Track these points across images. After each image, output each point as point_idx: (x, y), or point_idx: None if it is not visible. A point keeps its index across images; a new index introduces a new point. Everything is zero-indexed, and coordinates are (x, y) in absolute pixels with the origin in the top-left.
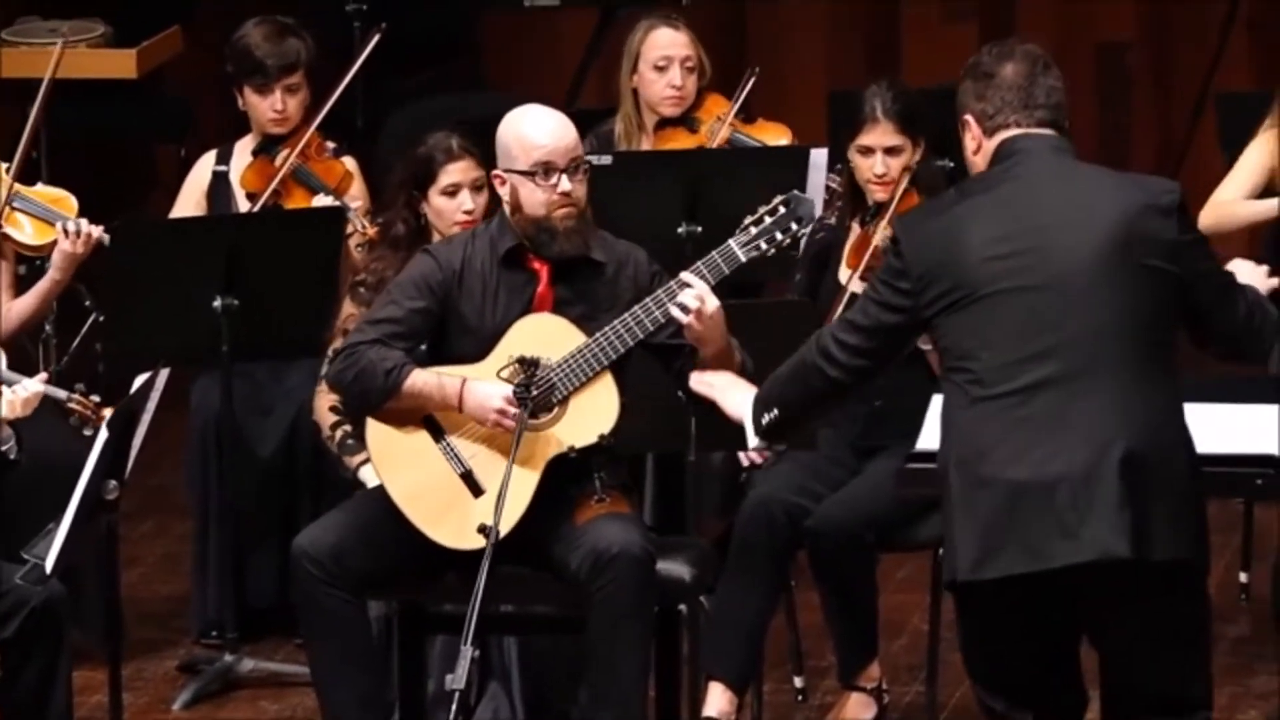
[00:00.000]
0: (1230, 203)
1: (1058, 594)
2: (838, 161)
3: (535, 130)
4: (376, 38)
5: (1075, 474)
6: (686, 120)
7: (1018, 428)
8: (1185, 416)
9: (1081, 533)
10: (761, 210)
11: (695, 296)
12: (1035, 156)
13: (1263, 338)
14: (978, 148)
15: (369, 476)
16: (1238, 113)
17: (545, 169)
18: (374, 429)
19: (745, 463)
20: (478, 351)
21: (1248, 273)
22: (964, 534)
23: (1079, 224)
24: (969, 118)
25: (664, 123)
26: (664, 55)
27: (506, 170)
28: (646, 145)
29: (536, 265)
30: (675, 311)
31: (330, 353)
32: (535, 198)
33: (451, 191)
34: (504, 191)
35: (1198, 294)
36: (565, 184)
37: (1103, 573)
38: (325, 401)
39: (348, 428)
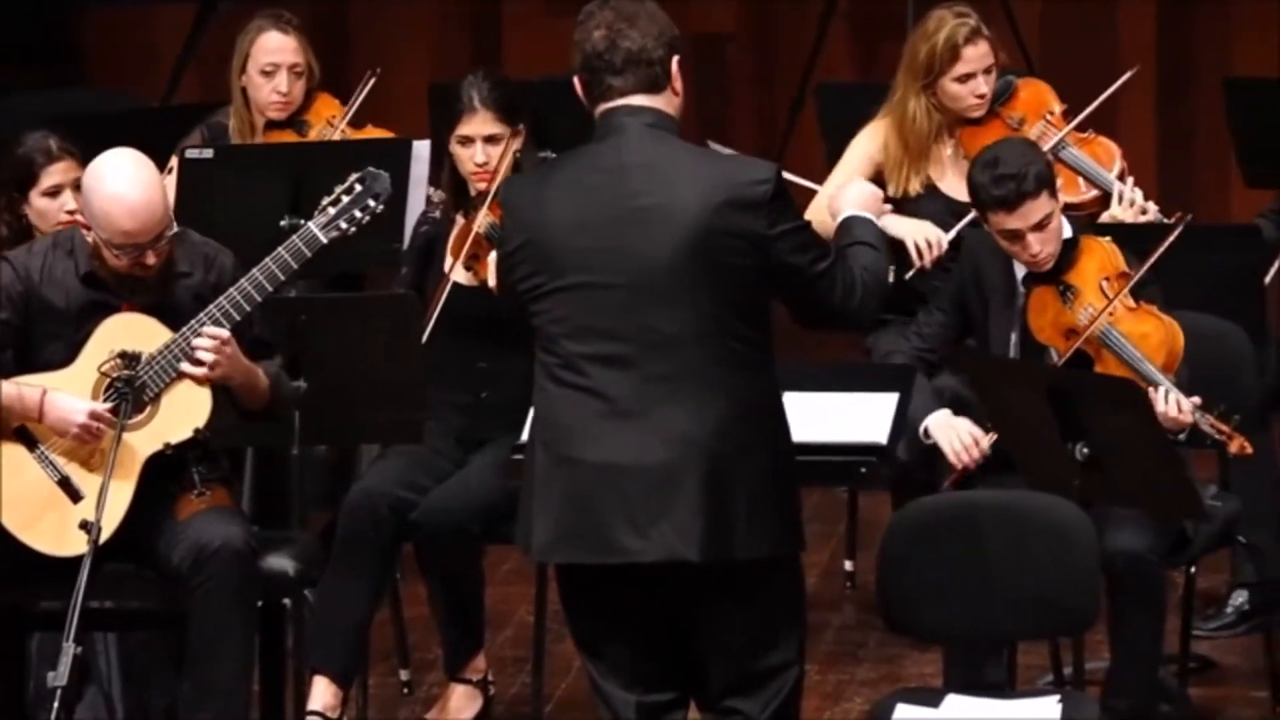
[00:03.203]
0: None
1: (639, 584)
2: (441, 154)
3: (120, 216)
4: None
5: (651, 472)
6: (295, 123)
7: (599, 419)
8: (777, 409)
9: (651, 533)
10: (338, 190)
11: (211, 347)
12: (628, 137)
13: (861, 315)
14: (590, 110)
15: None
16: (838, 103)
17: (128, 248)
18: None
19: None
20: (66, 357)
21: (854, 198)
22: (541, 513)
23: (661, 221)
24: (576, 81)
25: (272, 124)
26: (272, 61)
27: (90, 224)
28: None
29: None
30: (188, 368)
31: None
32: (118, 260)
33: (53, 192)
34: (88, 234)
35: (787, 286)
36: (149, 258)
37: (681, 570)
38: None
39: None
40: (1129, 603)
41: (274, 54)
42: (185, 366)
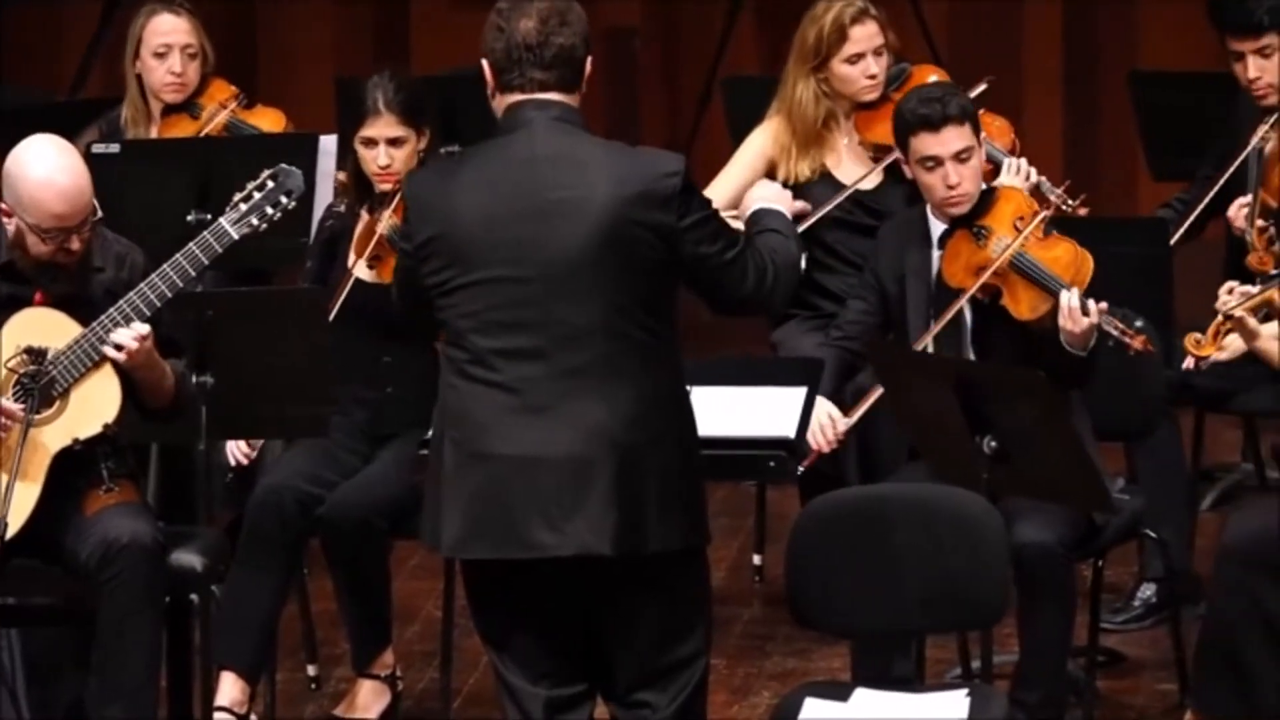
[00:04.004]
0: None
1: (549, 577)
2: (346, 148)
3: (50, 199)
4: None
5: (564, 466)
6: (190, 106)
7: (509, 414)
8: (684, 400)
9: (565, 527)
10: (250, 186)
11: (134, 337)
12: (537, 130)
13: (774, 299)
14: (493, 95)
15: None
16: (745, 97)
17: (56, 233)
18: None
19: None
20: None
21: (764, 196)
22: (452, 509)
23: (572, 214)
24: (485, 63)
25: (169, 109)
26: (164, 42)
27: (14, 210)
28: (153, 132)
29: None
30: (110, 351)
31: None
32: (40, 247)
33: None
34: (9, 223)
35: (700, 275)
36: (75, 243)
37: (591, 563)
38: None
39: None
40: (1038, 596)
41: (167, 35)
42: (106, 349)
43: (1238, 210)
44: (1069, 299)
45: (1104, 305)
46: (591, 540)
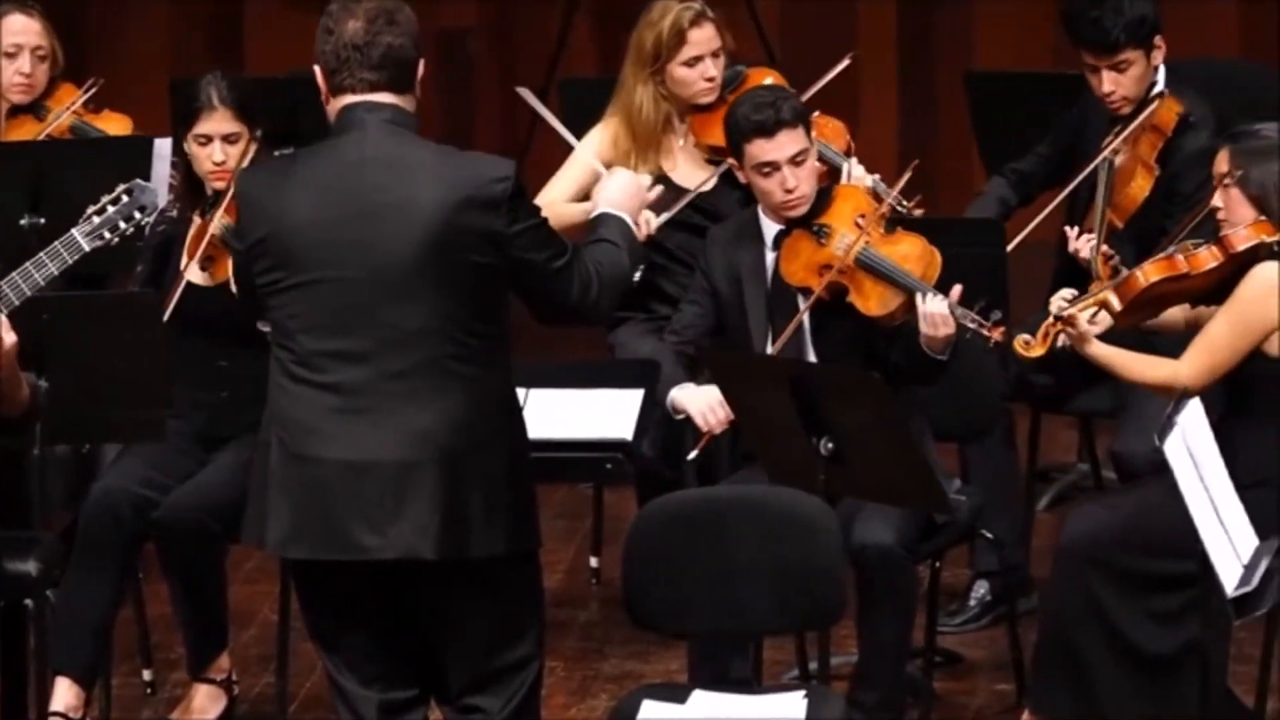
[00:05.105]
0: (553, 204)
1: (376, 580)
2: (180, 150)
3: None
4: None
5: (388, 469)
6: (36, 108)
7: (334, 415)
8: (513, 405)
9: (388, 530)
10: (104, 199)
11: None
12: (368, 133)
13: (598, 310)
14: (327, 100)
15: None
16: (582, 98)
17: None
18: None
19: None
20: None
21: (614, 193)
22: (277, 507)
23: (400, 218)
24: (317, 68)
25: (15, 110)
26: (14, 43)
27: None
28: None
29: None
30: None
31: None
32: None
33: None
34: None
35: (525, 282)
36: None
37: (418, 567)
38: None
39: None
40: (879, 597)
41: (17, 35)
42: None
43: (1083, 242)
44: (931, 305)
45: (957, 290)
46: (415, 543)
